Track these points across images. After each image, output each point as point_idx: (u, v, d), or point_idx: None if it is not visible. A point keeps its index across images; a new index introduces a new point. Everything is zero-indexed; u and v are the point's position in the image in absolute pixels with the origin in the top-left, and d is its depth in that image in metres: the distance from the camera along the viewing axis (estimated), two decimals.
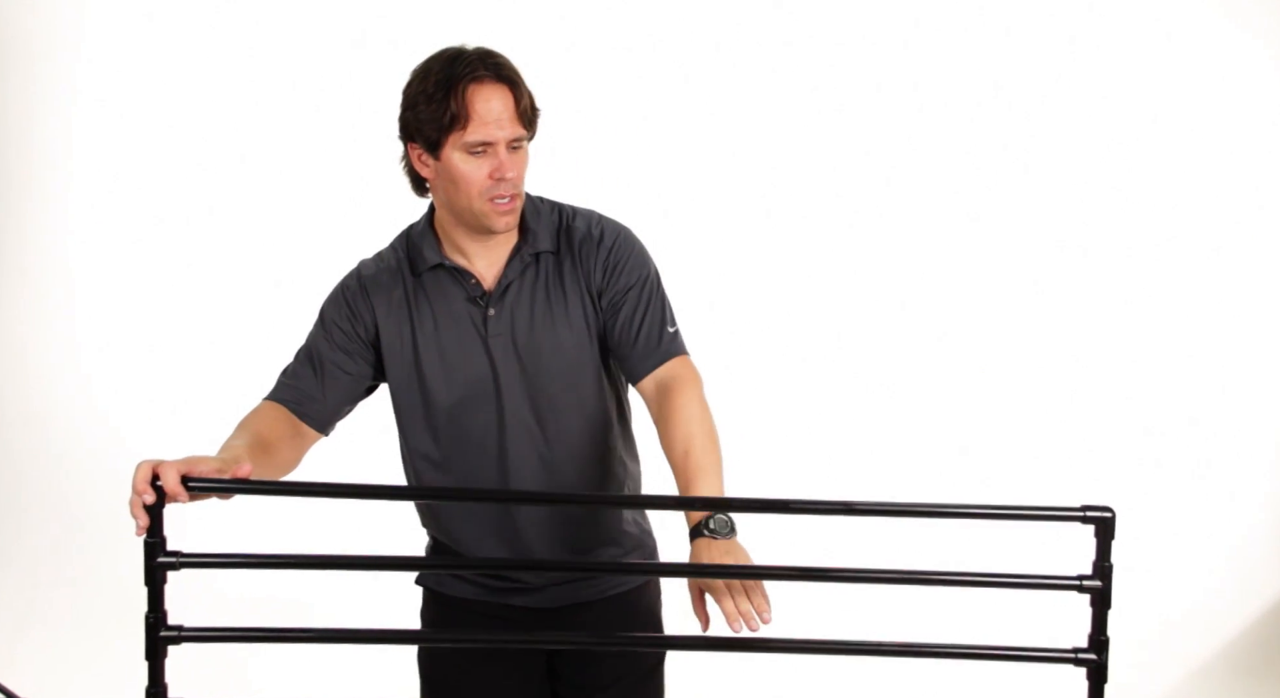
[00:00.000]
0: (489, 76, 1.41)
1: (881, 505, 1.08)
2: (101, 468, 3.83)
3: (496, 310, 1.50)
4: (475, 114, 1.40)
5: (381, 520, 3.68)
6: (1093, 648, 1.12)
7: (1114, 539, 1.08)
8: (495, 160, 1.42)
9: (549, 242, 1.52)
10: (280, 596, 3.59)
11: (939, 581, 1.10)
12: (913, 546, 3.44)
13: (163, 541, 1.08)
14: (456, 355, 1.51)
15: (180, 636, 1.11)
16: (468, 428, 1.52)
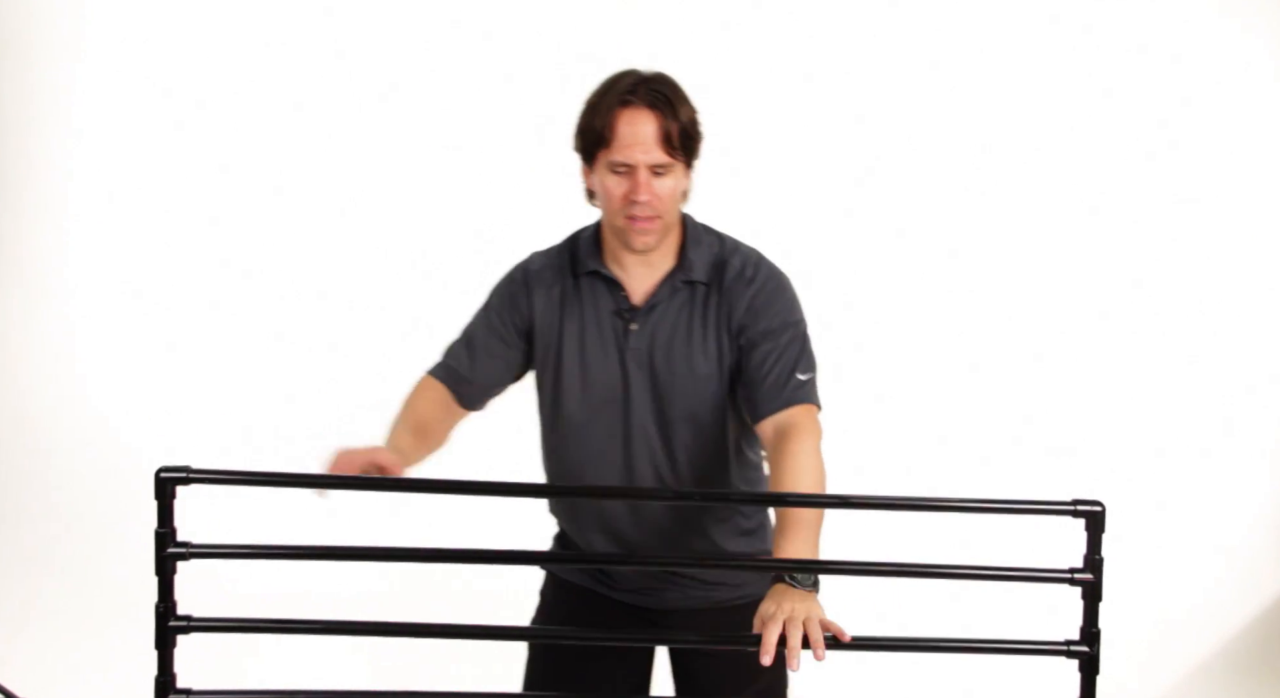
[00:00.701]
0: (638, 101, 1.48)
1: (875, 499, 1.10)
2: (97, 466, 3.85)
3: (640, 326, 1.57)
4: (618, 136, 1.48)
5: (391, 512, 3.71)
6: (1084, 640, 1.14)
7: (1104, 533, 1.10)
8: (633, 182, 1.48)
9: (703, 273, 1.57)
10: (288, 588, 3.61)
11: (932, 573, 1.11)
12: (905, 539, 3.45)
13: (173, 531, 1.10)
14: (593, 360, 1.59)
15: (190, 625, 1.13)
16: (593, 432, 1.60)
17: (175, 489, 1.08)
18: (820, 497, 1.09)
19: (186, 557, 1.10)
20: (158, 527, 1.09)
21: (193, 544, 1.10)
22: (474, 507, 3.67)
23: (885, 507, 1.10)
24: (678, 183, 1.52)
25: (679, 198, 1.55)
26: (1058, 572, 1.12)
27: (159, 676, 1.15)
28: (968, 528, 3.45)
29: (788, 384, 1.51)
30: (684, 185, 1.55)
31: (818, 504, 1.10)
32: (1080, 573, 1.12)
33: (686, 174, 1.55)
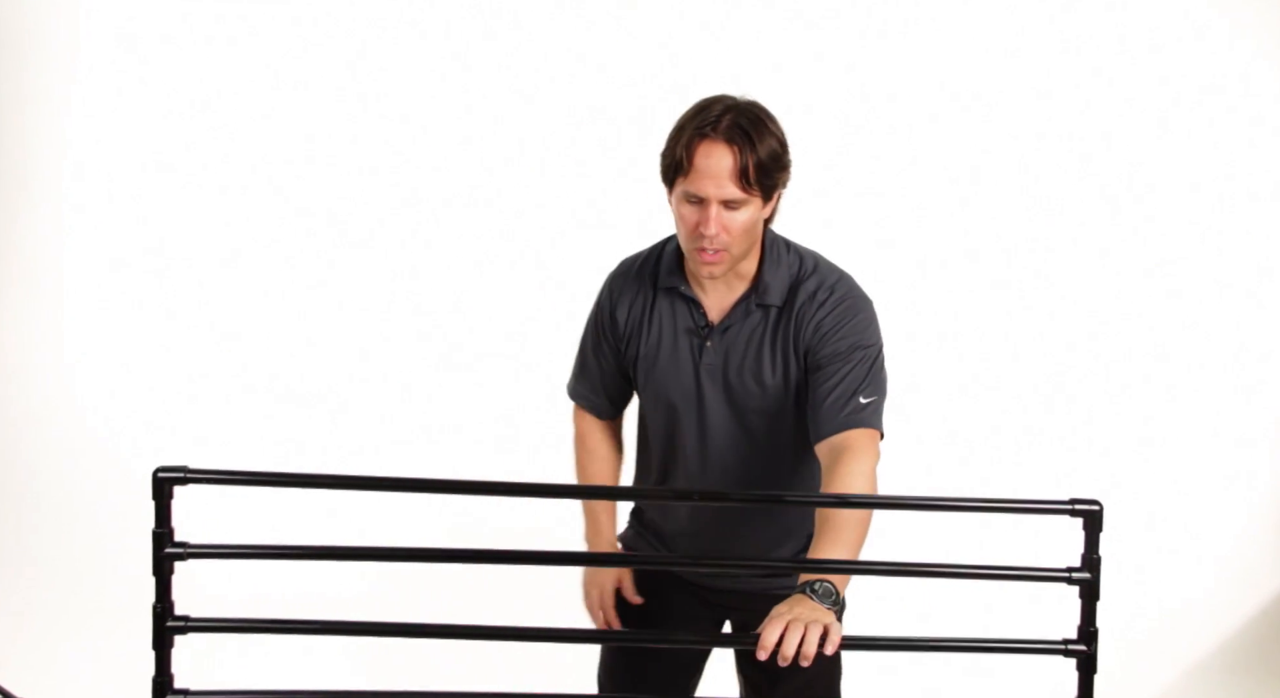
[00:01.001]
0: (717, 135, 1.49)
1: (873, 498, 1.10)
2: (95, 465, 3.85)
3: (714, 344, 1.63)
4: (694, 167, 1.49)
5: (388, 512, 3.70)
6: (1082, 639, 1.14)
7: (1102, 532, 1.10)
8: (703, 214, 1.50)
9: (778, 297, 1.61)
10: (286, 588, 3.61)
11: (930, 573, 1.11)
12: (903, 538, 3.45)
13: (170, 531, 1.09)
14: (670, 372, 1.66)
15: (187, 626, 1.13)
16: (673, 432, 1.70)
17: (173, 489, 1.07)
18: (819, 496, 1.09)
19: (184, 557, 1.10)
20: (155, 527, 1.08)
21: (190, 544, 1.10)
22: (475, 507, 3.67)
23: (883, 506, 1.10)
24: (752, 216, 1.53)
25: (752, 230, 1.56)
26: (1056, 571, 1.12)
27: (156, 676, 1.15)
28: (965, 527, 3.47)
29: (847, 407, 1.52)
30: (761, 217, 1.57)
31: (816, 503, 1.10)
32: (1078, 572, 1.12)
33: (765, 206, 1.56)
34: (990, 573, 1.11)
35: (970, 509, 1.10)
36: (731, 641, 1.69)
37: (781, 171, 1.54)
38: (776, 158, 1.52)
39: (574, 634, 1.16)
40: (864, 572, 1.12)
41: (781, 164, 1.54)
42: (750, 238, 1.56)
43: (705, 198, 1.50)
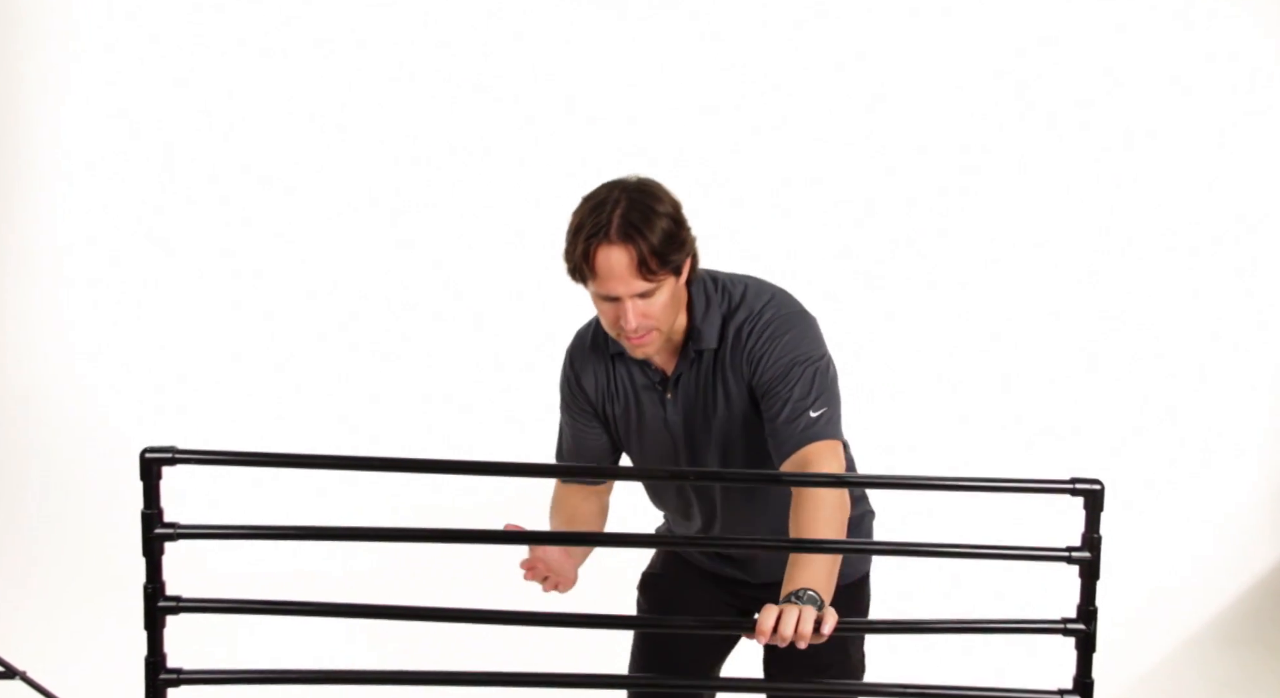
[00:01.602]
0: (609, 239, 1.52)
1: (871, 478, 1.09)
2: (88, 444, 3.84)
3: (674, 395, 1.70)
4: (597, 273, 1.54)
5: (378, 493, 3.70)
6: (1081, 619, 1.13)
7: (1103, 511, 1.09)
8: (619, 309, 1.55)
9: (713, 339, 1.66)
10: (279, 567, 3.61)
11: (930, 552, 1.10)
12: (902, 518, 3.46)
13: (159, 512, 1.08)
14: (647, 429, 1.73)
15: (179, 606, 1.12)
16: (679, 488, 1.78)
17: (161, 470, 1.06)
18: (816, 476, 1.08)
19: (174, 538, 1.08)
20: (144, 508, 1.07)
21: (180, 525, 1.09)
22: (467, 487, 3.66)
23: (883, 485, 1.09)
24: (668, 294, 1.57)
25: (673, 304, 1.60)
26: (1056, 550, 1.11)
27: (149, 656, 1.14)
28: (964, 508, 3.47)
29: (800, 423, 1.54)
30: (678, 288, 1.61)
31: (813, 483, 1.08)
32: (1078, 552, 1.11)
33: (679, 279, 1.60)
34: (990, 553, 1.10)
35: (971, 489, 1.08)
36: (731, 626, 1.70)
37: (680, 247, 1.57)
38: (671, 238, 1.55)
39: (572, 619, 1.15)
40: (865, 552, 1.11)
41: (678, 242, 1.57)
42: (674, 310, 1.61)
43: (616, 296, 1.55)
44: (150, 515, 1.07)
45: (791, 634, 1.13)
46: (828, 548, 1.31)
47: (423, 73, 3.82)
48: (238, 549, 3.65)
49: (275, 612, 1.11)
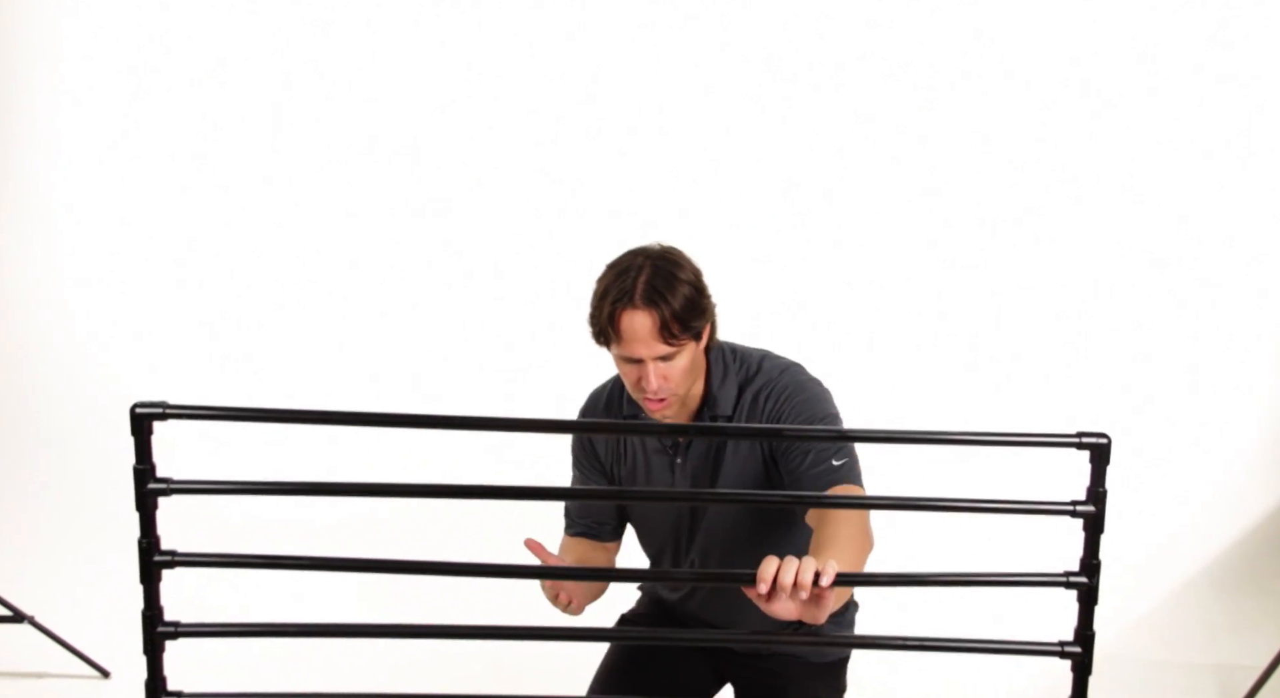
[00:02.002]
0: (634, 304, 1.60)
1: (875, 433, 1.07)
2: (84, 397, 3.84)
3: (683, 460, 1.74)
4: (621, 336, 1.61)
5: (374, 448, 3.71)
6: (1084, 572, 1.13)
7: (1109, 465, 1.08)
8: (642, 371, 1.62)
9: (728, 407, 1.70)
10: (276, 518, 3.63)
11: (932, 507, 1.09)
12: (906, 473, 3.48)
13: (152, 467, 1.07)
14: (655, 485, 1.77)
15: (174, 561, 1.11)
16: (675, 554, 1.80)
17: (152, 425, 1.05)
18: (820, 430, 1.06)
19: (167, 493, 1.07)
20: (136, 463, 1.06)
21: (174, 480, 1.07)
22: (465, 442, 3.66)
23: (887, 440, 1.08)
24: (688, 359, 1.64)
25: (693, 369, 1.66)
26: (1060, 504, 1.10)
27: (145, 610, 1.14)
28: (964, 460, 3.48)
29: (822, 468, 1.56)
30: (697, 354, 1.67)
31: (817, 438, 1.07)
32: (1083, 505, 1.10)
33: (698, 345, 1.66)
34: (995, 507, 1.09)
35: (976, 443, 1.07)
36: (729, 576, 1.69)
37: (701, 314, 1.64)
38: (693, 305, 1.62)
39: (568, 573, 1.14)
40: (866, 507, 1.10)
41: (699, 308, 1.64)
42: (693, 375, 1.66)
43: (638, 358, 1.61)
44: (143, 471, 1.06)
45: (791, 583, 1.12)
46: (824, 503, 1.30)
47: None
48: (234, 504, 3.69)
49: (270, 566, 1.10)
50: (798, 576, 1.12)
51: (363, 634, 1.15)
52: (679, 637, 1.84)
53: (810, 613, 1.16)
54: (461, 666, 3.04)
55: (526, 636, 1.16)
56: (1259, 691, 2.86)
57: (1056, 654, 1.14)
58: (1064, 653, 1.14)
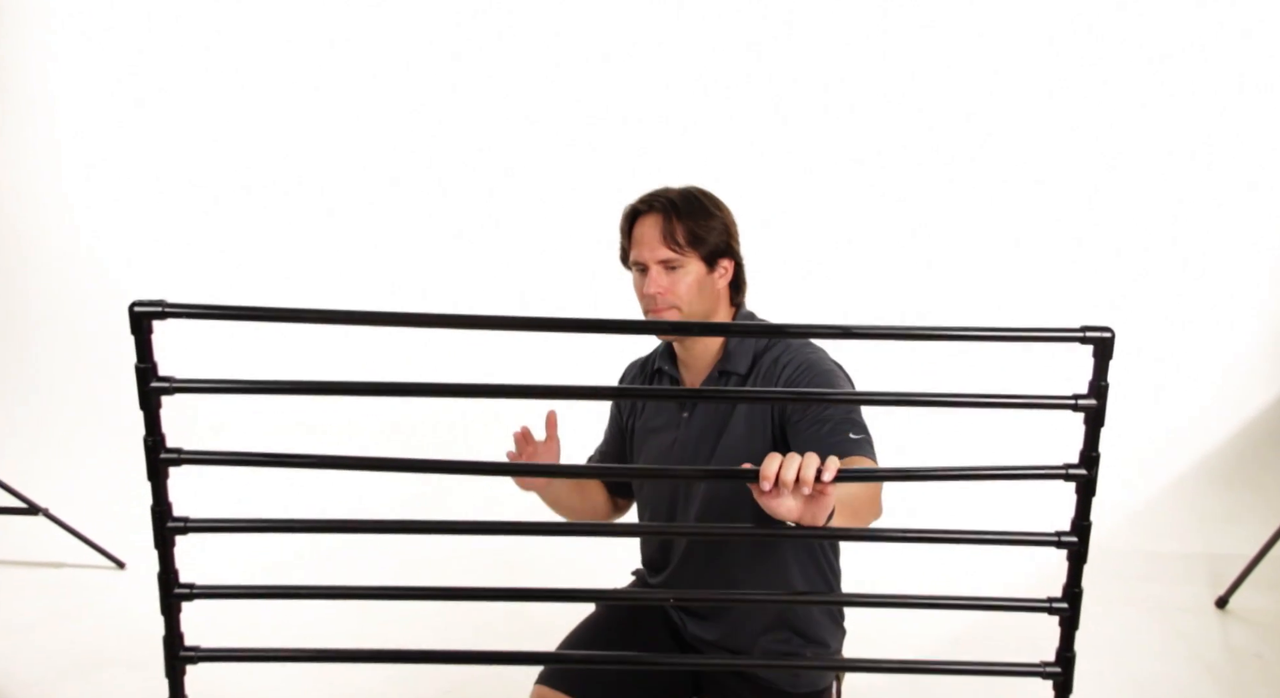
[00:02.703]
0: (649, 209, 1.66)
1: (879, 329, 1.06)
2: (92, 296, 3.84)
3: (690, 415, 1.73)
4: (633, 240, 1.68)
5: (374, 351, 3.72)
6: (1083, 464, 1.13)
7: (1111, 360, 1.07)
8: (647, 278, 1.65)
9: (743, 365, 1.68)
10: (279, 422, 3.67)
11: (935, 402, 1.09)
12: (911, 369, 3.51)
13: (154, 366, 1.07)
14: (657, 445, 1.77)
15: (180, 458, 1.11)
16: (655, 504, 1.79)
17: (151, 324, 1.04)
18: (824, 327, 1.05)
19: (170, 391, 1.07)
20: (137, 362, 1.06)
21: (176, 379, 1.07)
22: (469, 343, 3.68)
23: (891, 337, 1.07)
24: (695, 277, 1.64)
25: (700, 292, 1.66)
26: (1061, 398, 1.10)
27: (154, 506, 1.15)
28: (968, 355, 3.50)
29: (838, 442, 1.51)
30: (710, 281, 1.67)
31: (820, 335, 1.06)
32: (1084, 399, 1.10)
33: (712, 272, 1.66)
34: (998, 402, 1.09)
35: (981, 338, 1.06)
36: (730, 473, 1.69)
37: (715, 238, 1.65)
38: (706, 224, 1.64)
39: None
40: (870, 403, 1.10)
41: (715, 232, 1.65)
42: (701, 300, 1.66)
43: (644, 262, 1.65)
44: (144, 369, 1.06)
45: (793, 479, 1.12)
46: (814, 398, 1.29)
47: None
48: (236, 404, 3.72)
49: (276, 464, 1.11)
50: (800, 471, 1.12)
51: (367, 530, 1.17)
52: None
53: (810, 512, 1.16)
54: (470, 560, 3.11)
55: (532, 530, 1.17)
56: (1246, 578, 2.92)
57: (1053, 544, 1.15)
58: (1060, 543, 1.15)
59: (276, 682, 2.37)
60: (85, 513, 3.29)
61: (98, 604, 2.89)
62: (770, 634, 1.76)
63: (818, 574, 1.75)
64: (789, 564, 1.72)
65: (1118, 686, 2.46)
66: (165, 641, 1.20)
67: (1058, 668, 1.20)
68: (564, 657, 1.56)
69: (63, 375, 3.89)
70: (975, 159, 3.62)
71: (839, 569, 1.81)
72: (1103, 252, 3.63)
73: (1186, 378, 3.66)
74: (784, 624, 1.75)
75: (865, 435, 1.54)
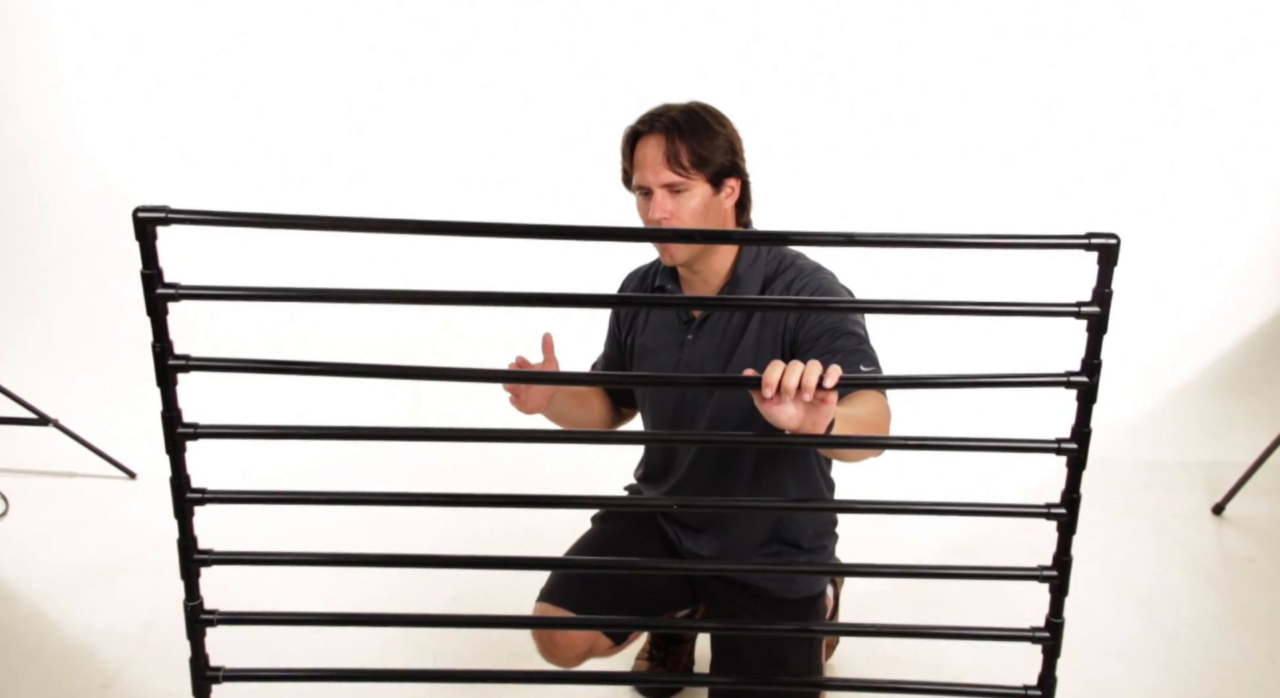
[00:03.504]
0: (651, 130, 1.61)
1: (883, 237, 1.06)
2: (94, 206, 3.82)
3: (694, 337, 1.71)
4: (635, 163, 1.62)
5: (381, 262, 3.71)
6: (1085, 371, 1.13)
7: (1116, 266, 1.07)
8: (652, 202, 1.60)
9: (753, 290, 1.65)
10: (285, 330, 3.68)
11: (939, 310, 1.09)
12: (915, 280, 3.50)
13: (159, 272, 1.07)
14: (657, 365, 1.75)
15: (188, 364, 1.12)
16: (657, 420, 1.77)
17: (155, 230, 1.04)
18: (828, 234, 1.05)
19: (176, 298, 1.07)
20: (143, 268, 1.06)
21: (182, 286, 1.07)
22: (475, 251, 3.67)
23: (895, 244, 1.07)
24: (700, 201, 1.60)
25: (706, 216, 1.61)
26: (1064, 305, 1.10)
27: (164, 411, 1.16)
28: (974, 263, 3.48)
29: (849, 367, 1.49)
30: (716, 204, 1.62)
31: (825, 242, 1.06)
32: (1088, 306, 1.09)
33: (718, 193, 1.62)
34: (1002, 309, 1.09)
35: (986, 246, 1.06)
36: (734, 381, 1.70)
37: (719, 159, 1.59)
38: (710, 144, 1.58)
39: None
40: (874, 311, 1.10)
41: (720, 151, 1.59)
42: (707, 222, 1.61)
43: (648, 186, 1.59)
44: (150, 276, 1.06)
45: (795, 386, 1.12)
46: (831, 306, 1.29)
47: None
48: (242, 315, 3.72)
49: (282, 371, 1.11)
50: (802, 378, 1.12)
51: (374, 437, 1.18)
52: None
53: (811, 420, 1.16)
54: (478, 474, 3.15)
55: (536, 438, 1.19)
56: (1243, 485, 2.96)
57: (1053, 451, 1.16)
58: (1060, 450, 1.17)
59: (287, 587, 2.42)
60: (95, 424, 3.33)
61: (111, 513, 2.94)
62: (764, 548, 1.79)
63: (813, 488, 1.78)
64: (786, 483, 1.74)
65: (1113, 590, 2.51)
66: (179, 544, 1.22)
67: (1054, 572, 1.22)
68: (570, 562, 1.59)
69: (68, 286, 3.89)
70: (980, 71, 3.56)
71: (834, 482, 1.84)
72: (1106, 163, 3.59)
73: (1189, 288, 3.66)
74: (776, 537, 1.78)
75: (875, 368, 1.53)
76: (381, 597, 2.41)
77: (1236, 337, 3.66)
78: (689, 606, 1.93)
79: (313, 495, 1.21)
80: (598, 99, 3.61)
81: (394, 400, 3.53)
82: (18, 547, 2.72)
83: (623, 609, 1.77)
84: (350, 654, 2.16)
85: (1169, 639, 2.28)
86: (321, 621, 1.30)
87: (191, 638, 1.26)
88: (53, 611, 2.39)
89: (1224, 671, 2.16)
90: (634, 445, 2.09)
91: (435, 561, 1.25)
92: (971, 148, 3.61)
